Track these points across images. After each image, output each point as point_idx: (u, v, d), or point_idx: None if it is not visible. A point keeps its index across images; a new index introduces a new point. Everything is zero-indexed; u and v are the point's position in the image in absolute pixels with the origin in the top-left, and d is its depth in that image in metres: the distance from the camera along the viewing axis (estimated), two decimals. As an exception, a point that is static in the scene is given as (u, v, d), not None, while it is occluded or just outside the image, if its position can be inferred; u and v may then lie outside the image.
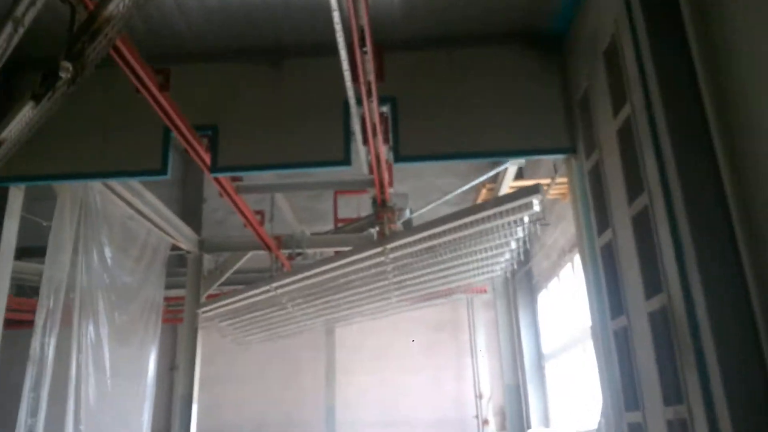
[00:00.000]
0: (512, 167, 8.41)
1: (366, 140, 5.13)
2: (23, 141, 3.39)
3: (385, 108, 5.34)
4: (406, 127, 5.21)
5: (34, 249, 7.83)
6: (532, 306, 12.19)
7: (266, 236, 7.65)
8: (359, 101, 4.63)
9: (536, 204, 5.41)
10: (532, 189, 5.25)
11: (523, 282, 12.29)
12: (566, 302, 9.95)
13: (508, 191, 8.89)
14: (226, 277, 9.96)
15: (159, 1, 4.90)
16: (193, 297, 9.31)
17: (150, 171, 5.14)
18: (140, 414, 7.73)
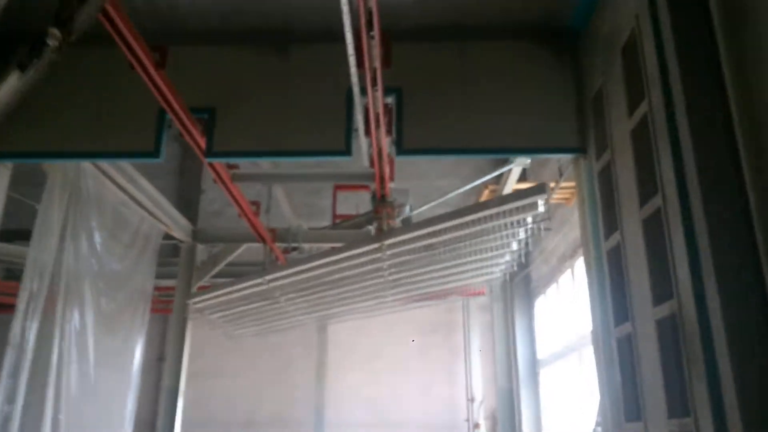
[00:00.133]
0: (516, 168, 8.23)
1: (368, 131, 4.95)
2: (9, 112, 3.20)
3: (390, 99, 5.17)
4: (411, 120, 5.03)
5: (28, 233, 7.64)
6: (529, 311, 12.05)
7: (261, 228, 7.46)
8: (363, 90, 4.47)
9: (541, 204, 5.25)
10: (538, 189, 5.08)
11: (521, 287, 12.14)
12: (564, 309, 9.80)
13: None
14: (219, 269, 9.78)
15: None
16: (184, 287, 9.13)
17: (142, 153, 4.95)
18: (124, 404, 7.52)
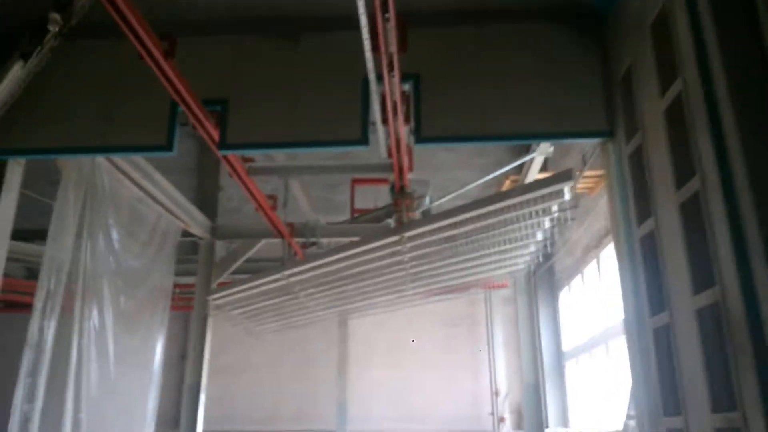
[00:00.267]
0: (539, 158, 7.98)
1: (386, 120, 4.77)
2: (12, 102, 3.09)
3: (407, 87, 4.98)
4: (430, 107, 4.83)
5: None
6: (553, 304, 11.81)
7: (279, 222, 7.34)
8: (380, 78, 4.29)
9: (567, 192, 5.05)
10: (564, 175, 4.88)
11: (544, 279, 11.90)
12: (590, 300, 9.55)
13: (534, 183, 8.47)
14: (238, 265, 9.71)
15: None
16: (204, 284, 9.07)
17: (155, 147, 4.83)
18: (145, 402, 7.46)
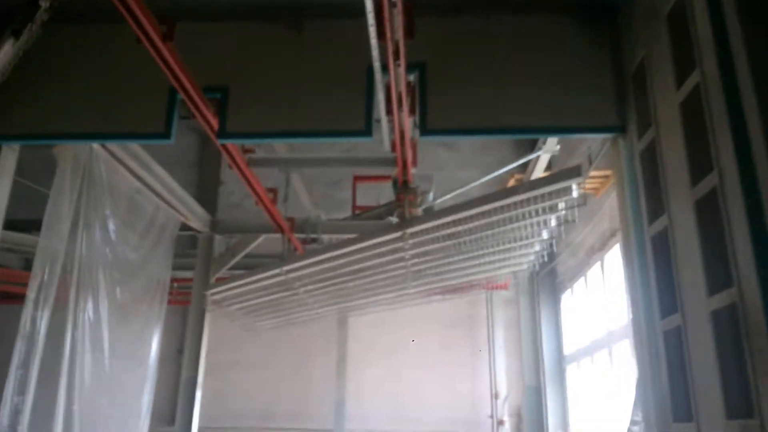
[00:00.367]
0: (545, 156, 7.85)
1: (390, 111, 4.64)
2: (3, 80, 2.97)
3: (412, 77, 4.85)
4: (436, 98, 4.71)
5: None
6: (555, 306, 11.66)
7: (279, 216, 7.21)
8: (385, 67, 4.16)
9: (575, 189, 4.90)
10: (573, 171, 4.73)
11: (546, 281, 11.76)
12: (593, 303, 9.41)
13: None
14: (237, 260, 9.58)
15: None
16: (202, 278, 8.94)
17: (153, 134, 4.70)
18: (140, 396, 7.34)
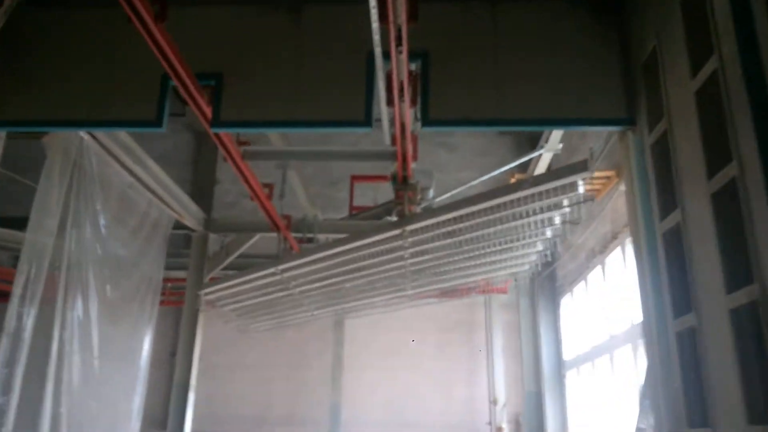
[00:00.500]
0: (547, 155, 7.70)
1: (391, 101, 4.47)
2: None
3: (414, 66, 4.68)
4: (438, 87, 4.53)
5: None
6: (554, 311, 11.47)
7: (274, 213, 7.02)
8: (386, 54, 3.99)
9: (581, 184, 4.74)
10: (579, 166, 4.57)
11: (545, 285, 11.57)
12: (593, 307, 9.23)
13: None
14: (232, 260, 9.38)
15: None
16: (196, 278, 8.75)
17: (144, 122, 4.52)
18: (131, 399, 7.12)
